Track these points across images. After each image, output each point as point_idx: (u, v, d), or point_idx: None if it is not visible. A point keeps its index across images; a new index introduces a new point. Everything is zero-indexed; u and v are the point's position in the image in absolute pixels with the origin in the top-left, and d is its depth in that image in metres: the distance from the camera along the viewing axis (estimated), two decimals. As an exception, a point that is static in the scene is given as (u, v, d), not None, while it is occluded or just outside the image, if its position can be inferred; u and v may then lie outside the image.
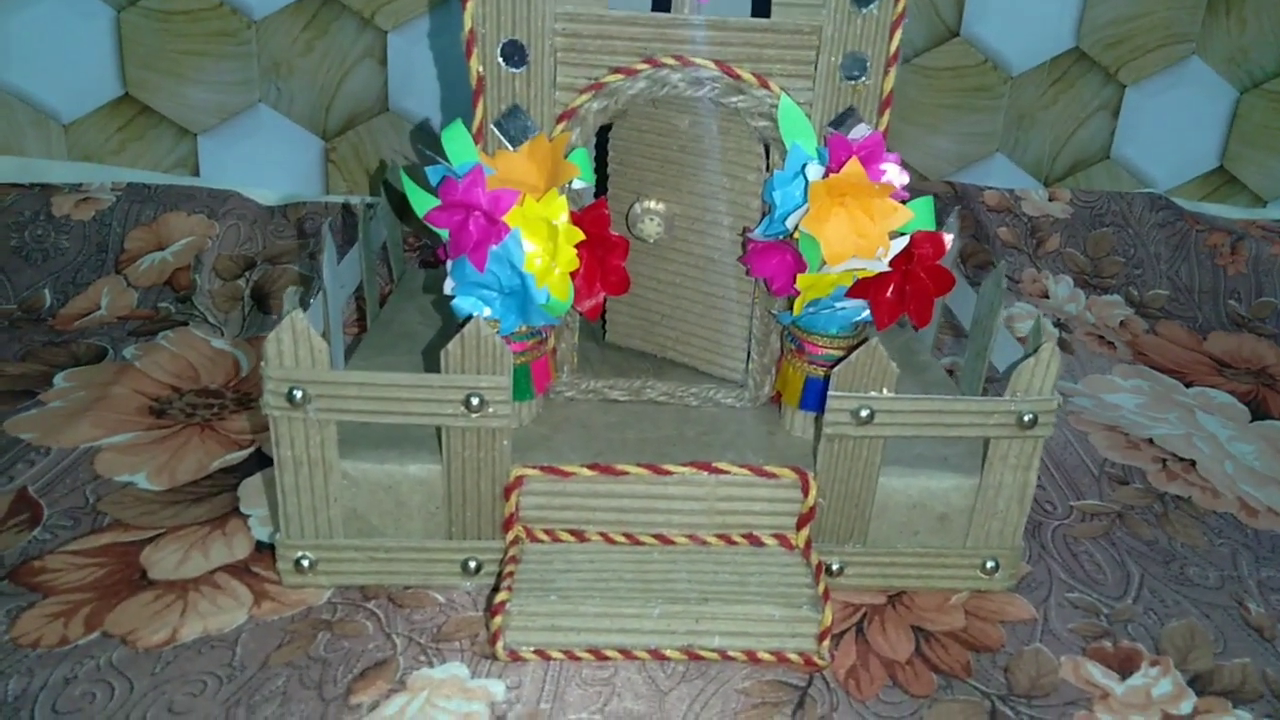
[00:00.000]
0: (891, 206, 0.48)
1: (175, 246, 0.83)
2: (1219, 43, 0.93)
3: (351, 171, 0.91)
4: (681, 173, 0.54)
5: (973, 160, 0.95)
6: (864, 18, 0.48)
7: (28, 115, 0.87)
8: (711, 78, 0.49)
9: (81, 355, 0.72)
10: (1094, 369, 0.79)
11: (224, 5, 0.85)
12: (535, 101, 0.50)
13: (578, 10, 0.48)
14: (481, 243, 0.48)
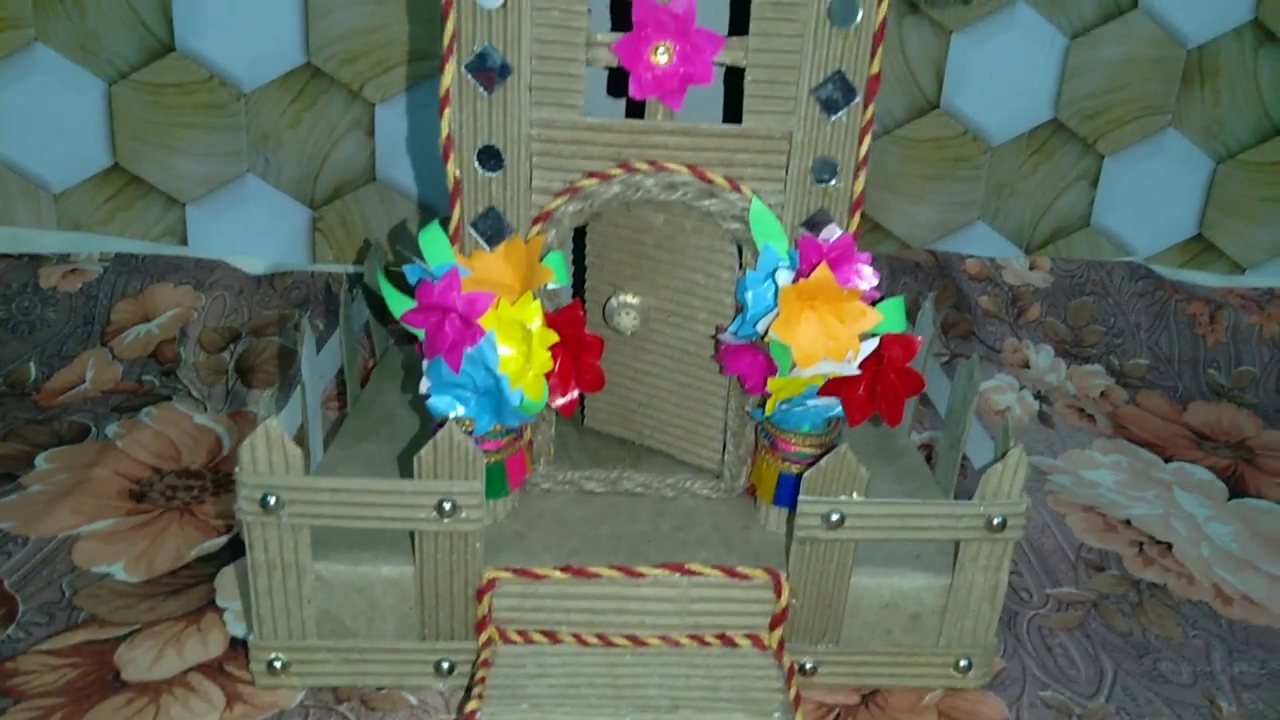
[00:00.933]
0: (861, 310, 0.49)
1: (161, 319, 0.83)
2: (1194, 115, 0.94)
3: (338, 240, 0.92)
4: (656, 268, 0.55)
5: (954, 228, 0.96)
6: (833, 124, 0.49)
7: (18, 185, 0.88)
8: (684, 182, 0.50)
9: (64, 433, 0.72)
10: (1074, 444, 0.79)
11: (214, 78, 0.86)
12: (511, 204, 0.50)
13: (553, 117, 0.49)
14: (457, 345, 0.48)
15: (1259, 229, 0.99)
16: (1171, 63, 0.93)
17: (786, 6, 0.47)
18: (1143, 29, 0.91)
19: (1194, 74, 0.93)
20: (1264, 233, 0.99)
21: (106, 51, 0.85)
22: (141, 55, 0.85)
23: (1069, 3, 0.90)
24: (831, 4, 0.47)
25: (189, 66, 0.86)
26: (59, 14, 0.84)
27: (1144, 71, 0.93)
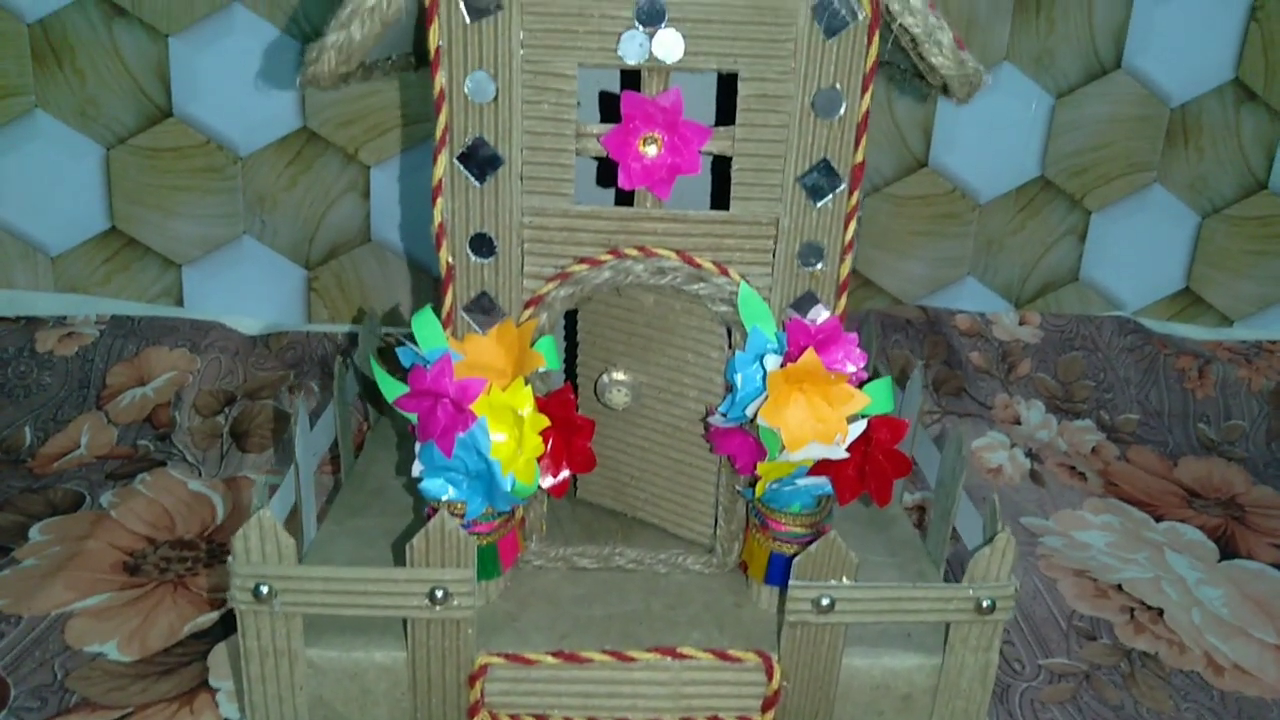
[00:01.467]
0: (849, 393, 0.49)
1: (156, 382, 0.84)
2: (1179, 171, 0.96)
3: (334, 300, 0.93)
4: (647, 346, 0.55)
5: (944, 284, 0.97)
6: (819, 210, 0.50)
7: (16, 249, 0.89)
8: (673, 267, 0.51)
9: (58, 503, 0.72)
10: (1065, 503, 0.80)
11: (211, 143, 0.87)
12: (503, 288, 0.51)
13: (544, 205, 0.50)
14: (448, 430, 0.49)
15: (1245, 281, 1.00)
16: (1155, 121, 0.94)
17: (772, 99, 0.48)
18: (1127, 88, 0.93)
19: (1178, 131, 0.95)
20: (1251, 285, 1.00)
21: (105, 117, 0.86)
22: (140, 120, 0.87)
23: (1054, 63, 0.91)
24: (815, 97, 0.48)
25: (186, 131, 0.87)
26: (59, 81, 0.85)
27: (1129, 129, 0.94)
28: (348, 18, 0.42)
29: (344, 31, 0.42)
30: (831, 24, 0.46)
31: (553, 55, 0.47)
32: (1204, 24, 0.91)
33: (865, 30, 0.47)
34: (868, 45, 0.47)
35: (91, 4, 0.83)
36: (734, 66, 0.47)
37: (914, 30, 0.43)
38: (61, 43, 0.84)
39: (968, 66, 0.44)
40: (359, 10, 0.42)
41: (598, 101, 0.53)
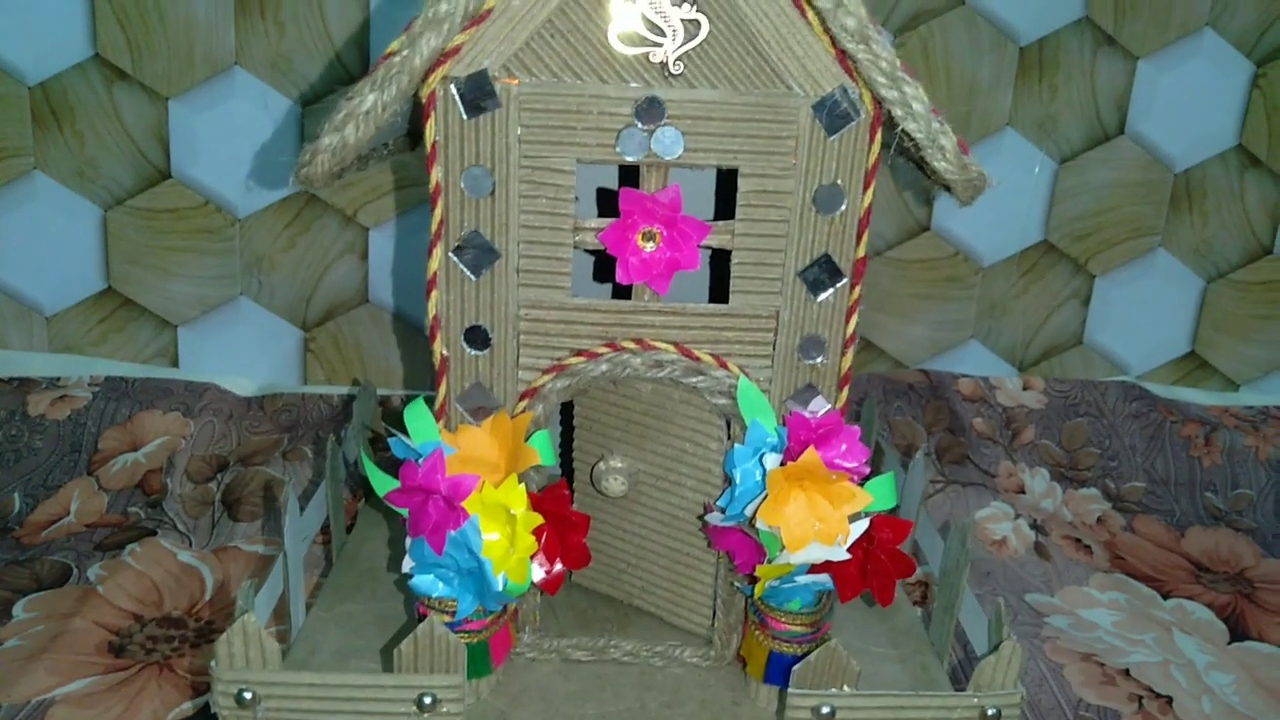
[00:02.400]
0: (850, 491, 0.48)
1: (149, 447, 0.83)
2: (1183, 236, 0.95)
3: (330, 361, 0.92)
4: (645, 433, 0.54)
5: (947, 347, 0.96)
6: (820, 304, 0.49)
7: (11, 309, 0.88)
8: (671, 360, 0.50)
9: (44, 576, 0.71)
10: (1071, 579, 0.78)
11: (209, 204, 0.87)
12: (498, 380, 0.50)
13: (540, 298, 0.49)
14: (440, 527, 0.48)
15: (1251, 346, 0.99)
16: (1159, 186, 0.93)
17: (772, 194, 0.47)
18: (1130, 154, 0.92)
19: (1182, 196, 0.94)
20: (1256, 349, 0.99)
21: (104, 178, 0.86)
22: (138, 182, 0.86)
23: (1056, 129, 0.91)
24: (817, 193, 0.47)
25: (185, 193, 0.87)
26: (59, 143, 0.85)
27: (1132, 194, 0.93)
28: (342, 121, 0.41)
29: (338, 135, 0.41)
30: (833, 122, 0.46)
31: (551, 151, 0.46)
32: (1206, 91, 0.91)
33: (868, 128, 0.46)
34: (870, 142, 0.46)
35: (93, 68, 0.83)
36: (734, 163, 0.47)
37: (917, 136, 0.42)
38: (62, 105, 0.84)
39: (971, 171, 0.44)
40: (354, 114, 0.41)
41: (595, 195, 0.52)
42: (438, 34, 0.41)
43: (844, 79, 0.45)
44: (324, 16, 0.84)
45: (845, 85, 0.45)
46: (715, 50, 0.45)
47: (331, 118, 0.42)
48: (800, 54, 0.44)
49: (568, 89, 0.45)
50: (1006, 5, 0.88)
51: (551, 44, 0.44)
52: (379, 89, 0.41)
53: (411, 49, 0.41)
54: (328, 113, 0.41)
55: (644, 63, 0.45)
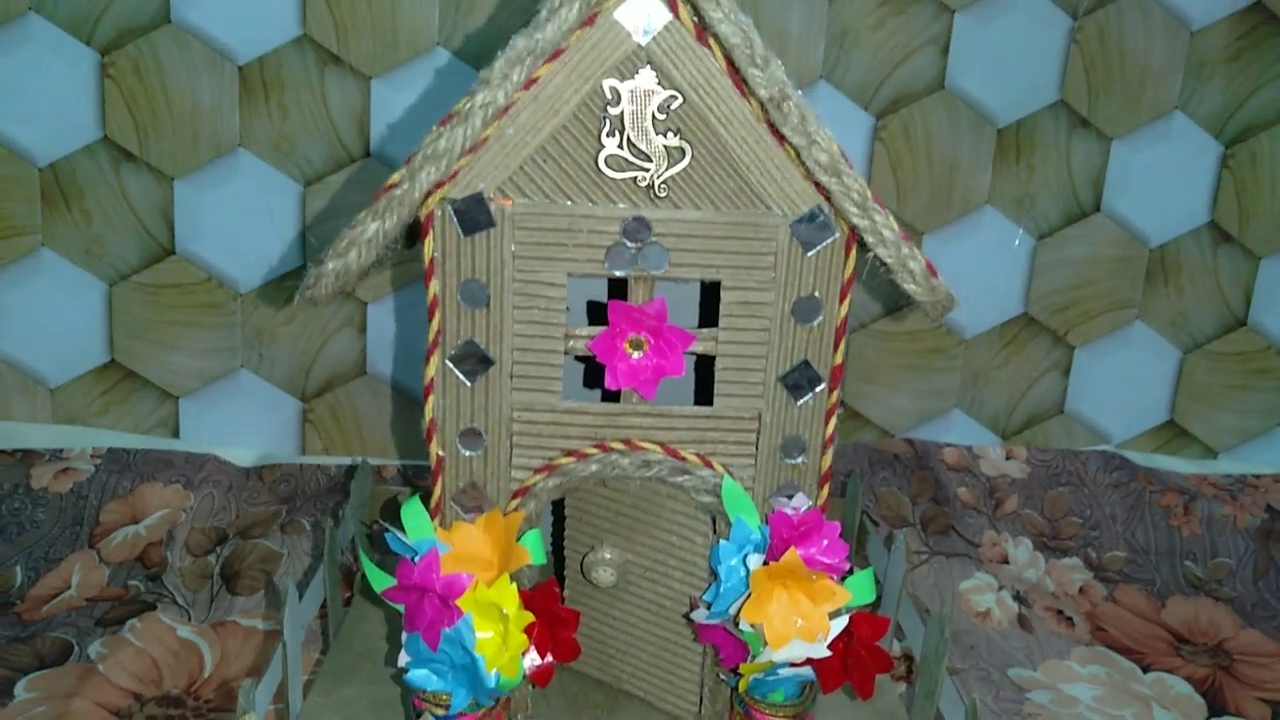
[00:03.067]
0: (831, 589, 0.50)
1: (149, 520, 0.84)
2: (1160, 308, 0.98)
3: (328, 431, 0.94)
4: (634, 526, 0.56)
5: (932, 416, 0.98)
6: (800, 407, 0.51)
7: (16, 381, 0.90)
8: (658, 460, 0.52)
9: (46, 653, 0.72)
10: (1053, 652, 0.80)
11: (212, 280, 0.89)
12: (491, 479, 0.52)
13: (532, 401, 0.51)
14: (434, 624, 0.49)
15: (1228, 415, 1.01)
16: (1135, 261, 0.96)
17: (753, 305, 0.50)
18: (1106, 230, 0.95)
19: (1157, 271, 0.97)
20: (1233, 418, 1.01)
21: (110, 255, 0.89)
22: (143, 258, 0.89)
23: (1035, 206, 0.94)
24: (795, 304, 0.49)
25: (188, 269, 0.89)
26: (66, 222, 0.87)
27: (1109, 269, 0.96)
28: (345, 248, 0.44)
29: (341, 260, 0.44)
30: (809, 240, 0.48)
31: (544, 265, 0.49)
32: (1178, 170, 0.95)
33: (843, 245, 0.49)
34: (845, 258, 0.49)
35: (102, 149, 0.86)
36: (717, 276, 0.49)
37: (887, 260, 0.45)
38: (71, 185, 0.87)
39: (939, 293, 0.46)
40: (356, 241, 0.43)
41: (586, 307, 0.55)
42: (436, 168, 0.43)
43: (819, 200, 0.47)
44: (326, 100, 0.87)
45: (820, 206, 0.47)
46: (698, 174, 0.47)
47: (335, 244, 0.44)
48: (778, 178, 0.47)
49: (559, 209, 0.48)
50: (984, 89, 0.91)
51: (544, 168, 0.47)
52: (380, 218, 0.43)
53: (411, 182, 0.43)
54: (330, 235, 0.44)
55: (631, 185, 0.47)
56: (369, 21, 0.86)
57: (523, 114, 0.45)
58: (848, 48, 0.89)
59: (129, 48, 0.85)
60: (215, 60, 0.85)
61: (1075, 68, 0.92)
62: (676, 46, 0.45)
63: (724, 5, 0.42)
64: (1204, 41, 0.92)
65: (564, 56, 0.44)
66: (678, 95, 0.46)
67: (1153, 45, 0.92)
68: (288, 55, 0.86)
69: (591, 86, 0.45)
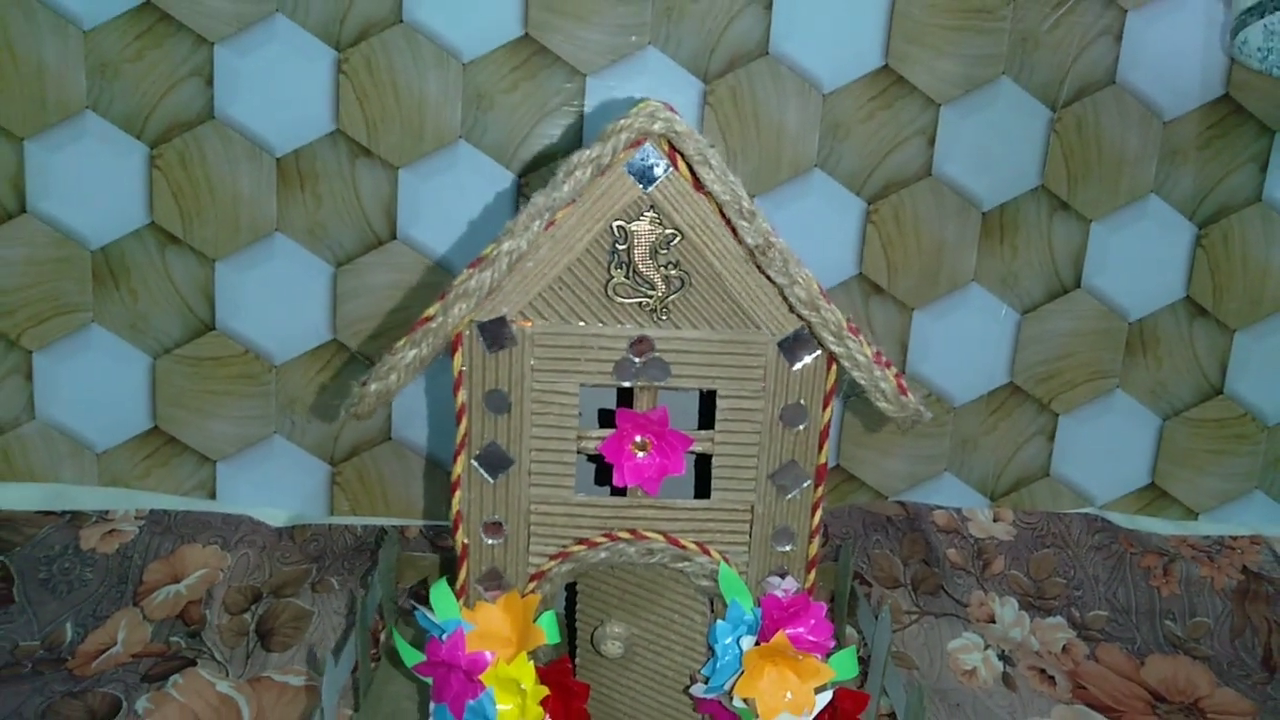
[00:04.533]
0: (816, 667, 0.56)
1: (189, 579, 0.91)
2: (1139, 378, 1.03)
3: (355, 493, 1.00)
4: (639, 604, 0.62)
5: (923, 479, 1.04)
6: (789, 501, 0.57)
7: (66, 446, 0.97)
8: (661, 549, 0.58)
9: (97, 708, 0.78)
10: (1035, 710, 0.84)
11: (249, 353, 0.96)
12: (511, 564, 0.58)
13: (548, 495, 0.57)
14: (460, 696, 0.55)
15: (1208, 478, 1.06)
16: (1115, 334, 1.02)
17: (746, 411, 0.56)
18: (1086, 305, 1.01)
19: (1136, 343, 1.03)
20: (1213, 481, 1.07)
21: (154, 330, 0.95)
22: (185, 334, 0.95)
23: (1018, 283, 1.00)
24: (783, 411, 0.55)
25: (227, 343, 0.96)
26: (115, 300, 0.94)
27: (1090, 341, 1.02)
28: (385, 371, 0.50)
29: (383, 382, 0.50)
30: (794, 356, 0.54)
31: (558, 377, 0.55)
32: (1155, 249, 1.00)
33: (825, 359, 0.55)
34: (827, 371, 0.55)
35: (148, 234, 0.93)
36: (713, 386, 0.55)
37: (861, 381, 0.51)
38: (120, 266, 0.94)
39: (909, 409, 0.52)
40: (396, 366, 0.50)
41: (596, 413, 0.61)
42: (467, 304, 0.50)
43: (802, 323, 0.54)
44: (356, 189, 0.94)
45: (803, 328, 0.54)
46: (696, 299, 0.54)
47: (377, 368, 0.50)
48: (766, 304, 0.53)
49: (573, 329, 0.54)
50: (969, 176, 0.97)
51: (560, 294, 0.53)
52: (417, 346, 0.50)
53: (445, 316, 0.50)
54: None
55: (637, 308, 0.54)
56: (397, 117, 0.93)
57: (541, 250, 0.52)
58: (840, 139, 0.96)
59: (176, 141, 0.92)
60: (255, 152, 0.92)
61: (1055, 155, 0.98)
62: (676, 194, 0.51)
63: (715, 167, 0.48)
64: (1176, 131, 0.98)
65: (579, 202, 0.51)
66: (677, 234, 0.52)
67: (1128, 134, 0.98)
68: (322, 148, 0.93)
69: (602, 226, 0.52)
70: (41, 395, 0.96)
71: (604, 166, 0.49)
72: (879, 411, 0.53)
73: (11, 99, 0.90)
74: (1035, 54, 0.96)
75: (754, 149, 0.95)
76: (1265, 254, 1.02)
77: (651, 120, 0.49)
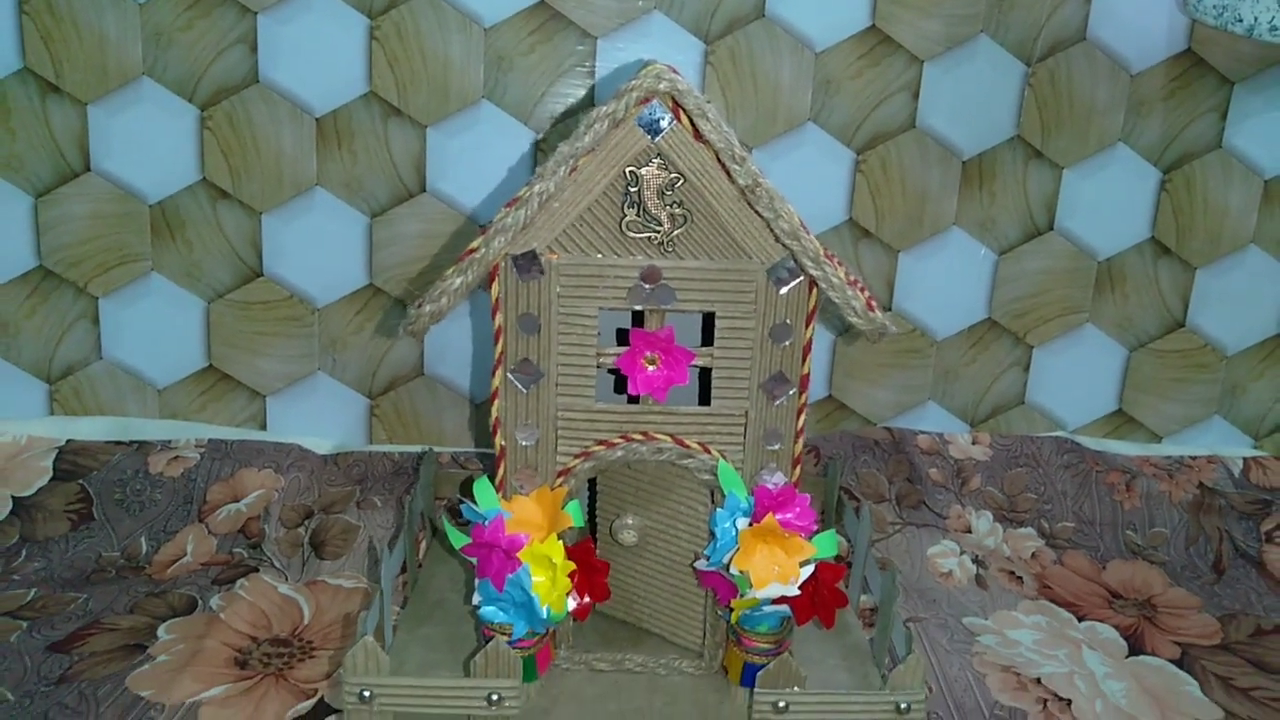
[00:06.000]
0: (801, 544, 0.66)
1: (248, 499, 1.01)
2: (1108, 313, 1.12)
3: (391, 424, 1.11)
4: (650, 499, 0.72)
5: (908, 407, 1.14)
6: (777, 406, 0.67)
7: (130, 383, 1.07)
8: (669, 448, 0.68)
9: (177, 606, 0.89)
10: (1003, 604, 0.95)
11: (293, 297, 1.06)
12: (541, 463, 0.68)
13: (572, 403, 0.67)
14: (501, 571, 0.66)
15: (1170, 404, 1.16)
16: (1085, 272, 1.11)
17: (740, 329, 0.65)
18: (1059, 246, 1.10)
19: (1105, 280, 1.12)
20: (1175, 407, 1.16)
21: (207, 277, 1.05)
22: (235, 280, 1.05)
23: (996, 227, 1.09)
24: (771, 329, 0.65)
25: (273, 288, 1.06)
26: (172, 250, 1.04)
27: (1062, 279, 1.11)
28: (437, 295, 0.60)
29: (435, 304, 0.60)
30: (780, 281, 0.64)
31: (580, 302, 0.64)
32: (1123, 193, 1.09)
33: (807, 284, 0.64)
34: (809, 294, 0.64)
35: (201, 189, 1.03)
36: (712, 308, 0.65)
37: (835, 300, 0.60)
38: (175, 219, 1.03)
39: (876, 322, 0.62)
40: (446, 290, 0.60)
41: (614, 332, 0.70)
42: (505, 238, 0.59)
43: (788, 252, 0.63)
44: (389, 146, 1.03)
45: (789, 256, 0.63)
46: (697, 233, 0.63)
47: (429, 292, 0.60)
48: (756, 236, 0.63)
49: (593, 261, 0.63)
50: (950, 127, 1.06)
51: (581, 231, 0.63)
52: (464, 273, 0.60)
53: (487, 248, 0.59)
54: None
55: (647, 242, 0.63)
56: (424, 79, 1.01)
57: (566, 192, 0.61)
58: (831, 94, 1.04)
59: (224, 104, 1.01)
60: (296, 114, 1.01)
61: (1030, 107, 1.06)
62: (679, 144, 0.60)
63: (712, 119, 0.58)
64: (1143, 83, 1.06)
65: (597, 151, 0.60)
66: (681, 177, 0.61)
67: (1097, 87, 1.06)
68: (357, 109, 1.02)
69: (617, 172, 0.61)
70: (108, 337, 1.06)
71: (618, 120, 0.59)
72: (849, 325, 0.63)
73: (76, 67, 0.99)
74: (1011, 13, 1.04)
75: (751, 104, 1.04)
76: (1224, 197, 1.10)
77: (658, 81, 0.58)
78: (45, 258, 1.03)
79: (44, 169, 1.01)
